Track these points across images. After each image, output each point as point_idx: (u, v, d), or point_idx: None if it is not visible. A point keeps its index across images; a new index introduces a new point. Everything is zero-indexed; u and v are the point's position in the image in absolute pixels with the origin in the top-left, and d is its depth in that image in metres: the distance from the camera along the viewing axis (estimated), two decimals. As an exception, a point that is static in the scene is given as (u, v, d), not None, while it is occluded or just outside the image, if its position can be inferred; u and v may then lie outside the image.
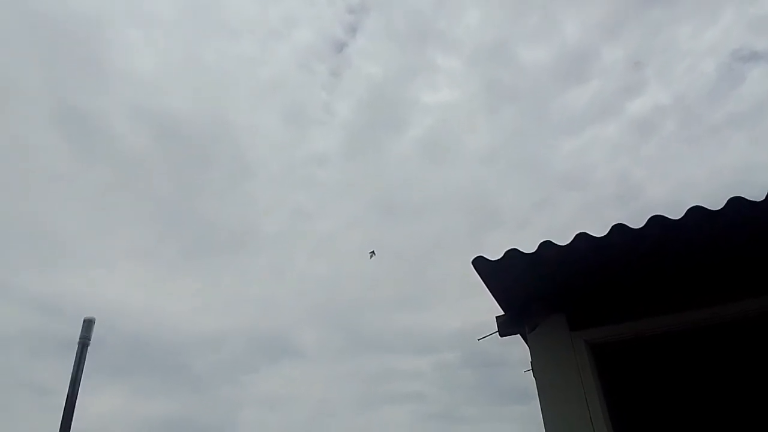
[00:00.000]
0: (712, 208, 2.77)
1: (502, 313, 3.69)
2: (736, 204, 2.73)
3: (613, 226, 2.89)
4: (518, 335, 3.78)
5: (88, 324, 6.16)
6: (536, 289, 3.43)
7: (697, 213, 2.78)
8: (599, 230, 2.92)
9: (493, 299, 3.54)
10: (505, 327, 3.67)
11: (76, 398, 5.76)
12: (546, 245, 2.97)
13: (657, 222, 2.84)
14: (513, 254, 3.01)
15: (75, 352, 6.15)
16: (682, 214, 2.81)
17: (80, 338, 6.07)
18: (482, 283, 3.30)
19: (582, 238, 2.93)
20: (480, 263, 3.09)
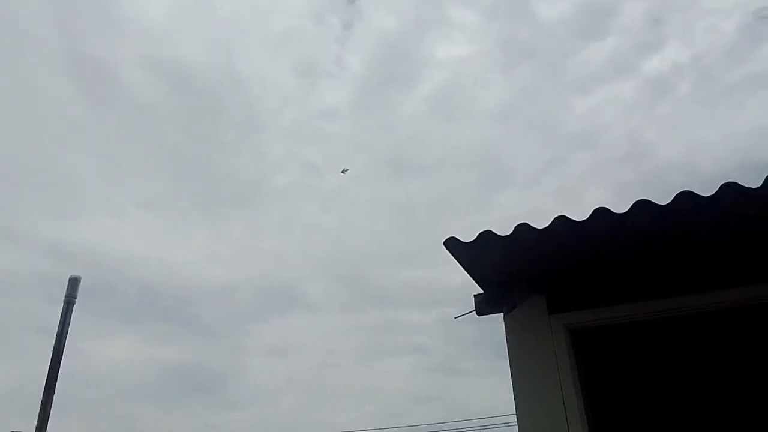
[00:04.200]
0: (702, 194, 2.57)
1: (480, 291, 3.55)
2: (729, 190, 2.52)
3: (594, 210, 2.70)
4: (496, 314, 3.65)
5: (74, 282, 6.11)
6: (515, 271, 3.28)
7: (686, 199, 2.58)
8: (609, 192, 2.71)
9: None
10: (482, 306, 3.53)
11: (61, 356, 5.77)
12: (522, 228, 2.80)
13: (642, 207, 2.65)
14: (487, 236, 2.84)
15: (85, 296, 6.13)
16: (670, 200, 2.61)
17: (66, 296, 6.03)
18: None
19: (561, 221, 2.74)
20: (452, 244, 2.93)
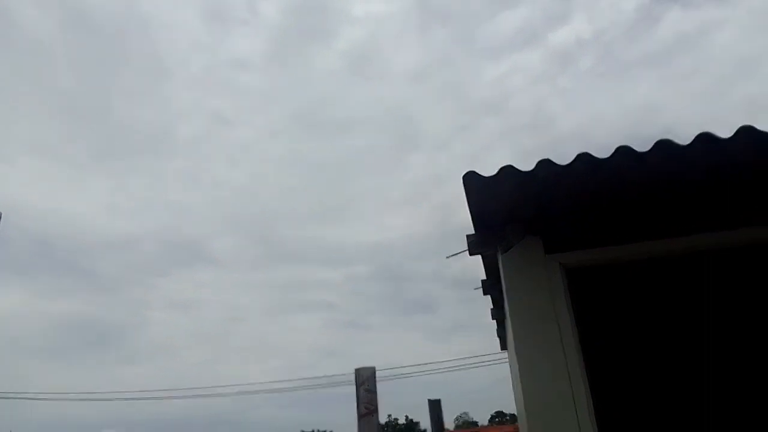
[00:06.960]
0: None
1: (472, 232, 3.50)
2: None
3: (617, 148, 2.70)
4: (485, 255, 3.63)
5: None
6: (515, 210, 3.25)
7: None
8: (514, 157, 2.73)
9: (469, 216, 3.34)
10: (475, 246, 3.49)
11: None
12: (544, 164, 2.75)
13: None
14: (508, 171, 2.77)
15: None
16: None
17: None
18: (464, 198, 3.07)
19: (583, 158, 2.72)
20: (470, 178, 2.83)
